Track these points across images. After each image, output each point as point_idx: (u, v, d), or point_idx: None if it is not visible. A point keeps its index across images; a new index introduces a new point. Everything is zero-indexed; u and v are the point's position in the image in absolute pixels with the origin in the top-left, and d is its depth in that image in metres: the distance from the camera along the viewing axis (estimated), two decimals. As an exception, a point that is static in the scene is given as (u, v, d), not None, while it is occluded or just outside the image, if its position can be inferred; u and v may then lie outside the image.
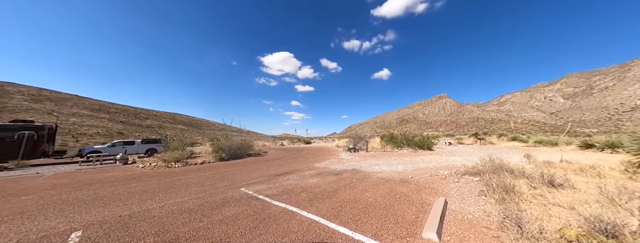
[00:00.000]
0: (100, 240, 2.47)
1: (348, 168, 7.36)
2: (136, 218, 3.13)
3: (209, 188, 4.87)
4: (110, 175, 7.32)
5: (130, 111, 70.46)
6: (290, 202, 3.69)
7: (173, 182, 5.83)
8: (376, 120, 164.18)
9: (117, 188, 5.12)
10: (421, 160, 9.18)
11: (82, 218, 3.16)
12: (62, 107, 50.54)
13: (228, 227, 2.72)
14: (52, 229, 2.79)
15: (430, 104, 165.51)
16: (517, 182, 3.93)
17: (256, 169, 7.77)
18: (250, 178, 5.95)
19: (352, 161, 9.37)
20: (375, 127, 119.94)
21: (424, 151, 13.23)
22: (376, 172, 6.48)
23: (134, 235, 2.56)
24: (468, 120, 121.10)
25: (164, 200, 3.99)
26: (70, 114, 46.20)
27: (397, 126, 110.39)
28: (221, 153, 11.24)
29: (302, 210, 3.25)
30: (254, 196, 4.12)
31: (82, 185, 5.70)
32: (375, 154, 12.03)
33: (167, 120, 76.42)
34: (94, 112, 55.67)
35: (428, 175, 5.72)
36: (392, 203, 3.51)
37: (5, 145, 10.82)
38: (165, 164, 9.24)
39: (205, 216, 3.13)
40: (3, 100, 42.64)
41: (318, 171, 6.90)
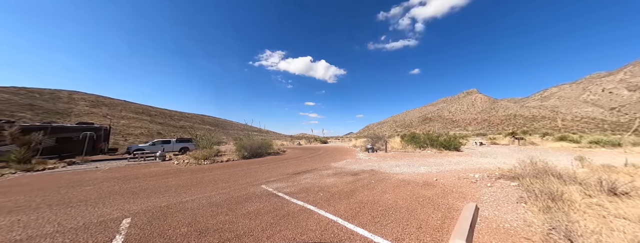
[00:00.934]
0: (145, 226, 2.83)
1: (366, 168, 7.19)
2: (173, 209, 3.50)
3: (233, 185, 5.21)
4: (152, 170, 8.32)
5: (166, 113, 79.21)
6: (308, 200, 3.75)
7: (202, 177, 6.38)
8: (396, 119, 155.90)
9: (157, 182, 5.80)
10: (447, 161, 8.51)
11: (130, 207, 3.65)
12: (114, 111, 59.09)
13: (250, 222, 2.88)
14: (108, 215, 3.28)
15: (457, 100, 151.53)
16: (566, 188, 3.40)
17: (275, 167, 8.06)
18: (270, 176, 6.20)
19: (369, 161, 9.12)
20: (395, 126, 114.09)
21: (450, 152, 12.24)
22: (396, 173, 6.20)
23: (172, 224, 2.87)
24: (503, 117, 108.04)
25: (195, 194, 4.39)
26: (120, 117, 53.78)
27: (420, 125, 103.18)
28: (244, 151, 11.95)
29: (319, 209, 3.28)
30: (274, 193, 4.28)
31: (130, 178, 6.59)
32: (395, 155, 11.52)
33: (196, 121, 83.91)
34: (138, 114, 63.94)
35: (455, 178, 5.28)
36: (415, 207, 3.33)
37: (73, 144, 13.10)
38: (196, 161, 10.17)
39: (230, 210, 3.36)
40: (71, 106, 51.63)
41: (335, 171, 6.87)
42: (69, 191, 5.01)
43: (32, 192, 5.08)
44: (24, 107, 43.49)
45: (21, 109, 42.06)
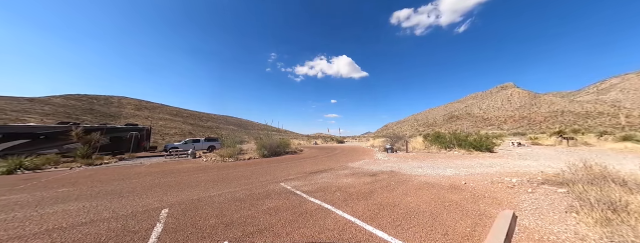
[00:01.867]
0: (180, 217, 3.15)
1: (385, 169, 6.94)
2: (203, 202, 3.83)
3: (254, 182, 5.49)
4: (185, 166, 9.22)
5: (196, 115, 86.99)
6: (325, 199, 3.77)
7: (227, 174, 6.86)
8: (417, 117, 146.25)
9: (189, 177, 6.41)
10: (478, 163, 7.76)
11: (168, 199, 4.10)
12: (154, 113, 66.92)
13: (271, 217, 3.00)
14: (150, 205, 3.74)
15: (490, 96, 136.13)
16: (633, 198, 2.84)
17: (293, 166, 8.26)
18: (288, 175, 6.37)
19: (389, 162, 8.78)
20: (417, 125, 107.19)
21: (481, 153, 11.13)
22: (418, 175, 5.87)
23: (202, 216, 3.15)
24: (547, 114, 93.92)
25: (222, 189, 4.74)
26: (159, 118, 60.64)
27: (445, 124, 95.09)
28: (263, 150, 12.50)
29: (337, 209, 3.27)
30: (292, 191, 4.40)
31: (167, 173, 7.39)
32: (417, 155, 10.89)
33: (221, 121, 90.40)
34: (173, 116, 71.41)
35: (488, 182, 4.79)
36: (440, 212, 3.11)
37: (122, 142, 15.20)
38: (222, 159, 10.97)
39: (252, 205, 3.55)
40: (120, 109, 59.99)
41: (352, 171, 6.78)
42: (120, 183, 5.84)
43: (93, 183, 6.03)
44: (85, 111, 51.70)
45: (83, 112, 50.08)
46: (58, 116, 41.31)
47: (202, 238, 2.44)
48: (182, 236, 2.52)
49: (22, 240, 2.53)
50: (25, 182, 6.53)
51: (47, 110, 44.62)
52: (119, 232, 2.69)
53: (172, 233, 2.59)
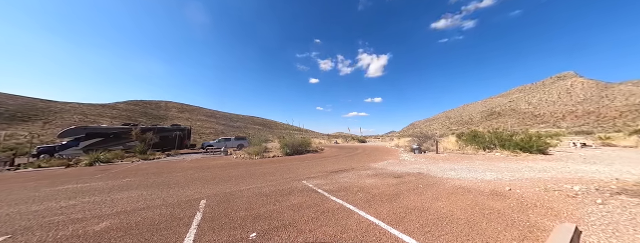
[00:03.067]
0: (215, 207, 3.50)
1: (411, 171, 6.51)
2: (234, 195, 4.18)
3: (278, 178, 5.76)
4: (218, 162, 10.20)
5: (227, 116, 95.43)
6: (347, 199, 3.72)
7: (254, 170, 7.35)
8: (449, 114, 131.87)
9: (222, 172, 7.08)
10: (527, 167, 6.70)
11: (205, 191, 4.59)
12: (193, 114, 75.68)
13: (294, 213, 3.11)
14: (191, 196, 4.25)
15: (542, 88, 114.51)
16: None
17: (314, 165, 8.37)
18: (310, 173, 6.49)
19: (416, 163, 8.21)
20: (449, 123, 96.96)
21: (531, 155, 9.57)
22: (451, 178, 5.35)
23: (233, 208, 3.45)
24: (623, 108, 74.82)
25: (250, 184, 5.10)
26: (196, 119, 68.35)
27: (483, 121, 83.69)
28: (286, 149, 12.99)
29: (359, 210, 3.20)
30: (314, 189, 4.47)
31: (204, 168, 8.28)
32: (449, 157, 9.93)
33: (248, 122, 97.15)
34: (208, 117, 79.71)
35: (540, 189, 4.10)
36: (478, 220, 2.78)
37: (168, 140, 17.59)
38: (249, 156, 11.80)
39: (277, 201, 3.73)
40: (167, 112, 69.42)
41: (375, 171, 6.54)
42: (168, 175, 6.78)
43: (148, 174, 7.13)
44: (141, 114, 61.23)
45: (140, 115, 59.39)
46: (122, 119, 49.90)
47: (234, 229, 2.66)
48: (218, 225, 2.80)
49: (100, 219, 3.14)
50: (101, 172, 8.09)
51: (114, 114, 54.41)
52: (168, 217, 3.13)
53: (209, 222, 2.90)
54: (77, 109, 51.14)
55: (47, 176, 7.54)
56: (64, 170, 8.89)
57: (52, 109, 46.86)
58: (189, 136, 19.81)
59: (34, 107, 44.60)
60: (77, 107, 52.90)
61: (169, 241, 2.40)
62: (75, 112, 47.87)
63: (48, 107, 46.97)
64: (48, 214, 3.41)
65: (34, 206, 3.88)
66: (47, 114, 43.56)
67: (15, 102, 44.28)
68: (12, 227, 2.92)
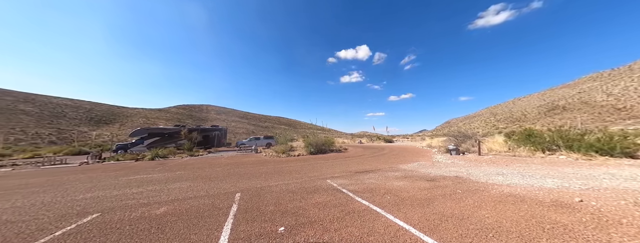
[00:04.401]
0: (248, 200, 3.83)
1: (447, 174, 5.89)
2: (264, 190, 4.50)
3: (304, 176, 5.94)
4: (250, 159, 11.09)
5: (256, 117, 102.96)
6: (374, 201, 3.59)
7: (281, 168, 7.74)
8: (495, 110, 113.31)
9: (253, 169, 7.68)
10: (607, 174, 5.33)
11: (239, 185, 5.06)
12: (228, 116, 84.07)
13: (320, 212, 3.16)
14: (228, 189, 4.73)
15: (628, 73, 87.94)
16: None
17: (338, 164, 8.33)
18: (334, 172, 6.49)
19: (453, 166, 7.39)
20: (494, 120, 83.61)
21: (613, 159, 7.54)
22: (498, 184, 4.64)
23: (264, 202, 3.71)
24: None
25: (278, 181, 5.40)
26: (231, 121, 75.60)
27: (541, 117, 68.88)
28: (310, 148, 13.28)
29: (387, 213, 3.05)
30: (339, 189, 4.45)
31: (239, 164, 9.11)
32: (496, 159, 8.61)
33: (275, 122, 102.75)
34: (241, 118, 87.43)
35: (627, 203, 3.22)
36: (536, 235, 2.34)
37: (209, 139, 19.97)
38: (277, 154, 12.49)
39: (303, 198, 3.86)
40: (207, 114, 78.75)
41: (404, 173, 6.13)
42: (209, 170, 7.71)
43: (194, 169, 8.23)
44: (188, 117, 70.71)
45: (187, 118, 68.65)
46: (173, 121, 58.54)
47: (265, 221, 2.86)
48: (250, 216, 3.05)
49: (160, 205, 3.77)
50: (159, 166, 9.69)
51: (168, 117, 64.42)
52: (210, 206, 3.56)
53: (244, 213, 3.18)
54: (141, 113, 62.60)
55: (123, 167, 9.43)
56: (134, 163, 10.97)
57: (124, 113, 58.36)
58: (225, 135, 22.22)
59: (113, 112, 56.28)
60: (142, 111, 64.74)
61: (211, 228, 2.72)
62: (140, 116, 58.67)
63: (122, 112, 58.65)
64: (124, 198, 4.26)
65: (114, 191, 4.90)
66: (122, 117, 54.43)
67: (101, 108, 56.63)
68: (101, 207, 3.76)
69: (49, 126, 37.30)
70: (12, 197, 4.62)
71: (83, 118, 46.89)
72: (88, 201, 4.14)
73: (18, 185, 5.99)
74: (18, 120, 35.92)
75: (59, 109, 47.55)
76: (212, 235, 2.50)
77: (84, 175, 7.48)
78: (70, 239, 2.52)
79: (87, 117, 47.89)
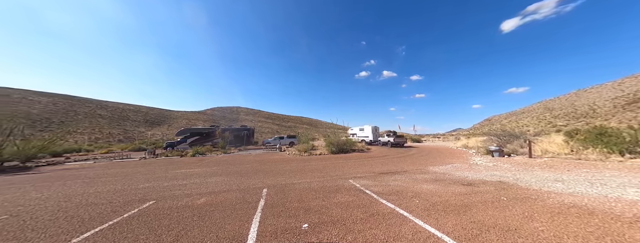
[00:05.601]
0: (274, 196, 4.05)
1: (488, 178, 5.22)
2: (288, 187, 4.69)
3: (326, 175, 5.98)
4: (275, 157, 11.67)
5: (280, 117, 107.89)
6: (400, 204, 3.41)
7: (304, 166, 7.94)
8: (551, 104, 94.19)
9: (278, 166, 8.07)
10: None
11: (266, 181, 5.38)
12: (255, 117, 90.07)
13: (343, 212, 3.15)
14: (256, 185, 5.08)
15: None
16: None
17: (361, 164, 8.13)
18: (356, 172, 6.36)
19: (496, 169, 6.51)
20: (550, 117, 69.98)
21: None
22: (557, 192, 3.92)
23: (288, 198, 3.87)
24: None
25: (300, 179, 5.57)
26: (257, 121, 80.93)
27: (617, 112, 54.01)
28: (332, 147, 13.27)
29: (415, 218, 2.86)
30: (362, 190, 4.36)
31: (265, 161, 9.68)
32: (552, 163, 7.25)
33: (297, 122, 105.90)
34: (266, 119, 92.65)
35: None
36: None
37: (239, 138, 21.68)
38: (299, 153, 12.85)
39: (326, 197, 3.89)
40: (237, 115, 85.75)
41: (435, 176, 5.65)
42: (240, 166, 8.38)
43: (227, 165, 9.04)
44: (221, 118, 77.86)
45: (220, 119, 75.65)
46: (209, 121, 65.27)
47: (289, 217, 2.99)
48: (277, 211, 3.22)
49: (200, 196, 4.27)
50: (199, 161, 10.94)
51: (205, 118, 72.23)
52: (241, 200, 3.88)
53: (270, 208, 3.38)
54: (184, 115, 71.95)
55: (171, 162, 10.93)
56: (180, 159, 12.61)
57: (172, 115, 67.72)
58: (253, 135, 23.89)
59: (163, 115, 65.88)
60: (184, 114, 74.34)
61: (242, 219, 2.97)
62: (183, 118, 67.39)
63: (170, 114, 68.19)
64: (172, 189, 4.95)
65: (165, 182, 5.72)
66: (170, 119, 63.29)
67: (154, 112, 66.82)
68: (155, 196, 4.43)
69: (118, 127, 45.66)
70: (95, 184, 5.83)
71: (141, 120, 55.97)
72: (146, 190, 4.93)
73: (98, 175, 7.51)
74: (97, 122, 44.89)
75: (124, 113, 57.82)
76: (243, 226, 2.72)
77: (143, 168, 8.95)
78: (134, 221, 3.05)
79: (144, 119, 56.93)
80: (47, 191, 5.17)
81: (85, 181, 6.39)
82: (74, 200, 4.28)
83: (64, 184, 6.00)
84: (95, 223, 3.01)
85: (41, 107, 44.82)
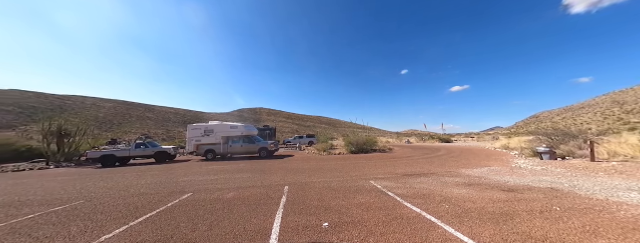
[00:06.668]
0: (295, 193, 4.18)
1: (535, 184, 4.54)
2: (308, 185, 4.79)
3: (345, 175, 5.92)
4: (295, 156, 11.99)
5: (299, 117, 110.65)
6: (427, 209, 3.18)
7: (323, 165, 8.00)
8: (619, 97, 77.01)
9: (297, 164, 8.31)
10: None
11: (287, 179, 5.58)
12: (276, 117, 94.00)
13: (363, 213, 3.08)
14: (278, 182, 5.31)
15: None
16: None
17: (382, 165, 7.83)
18: (377, 173, 6.15)
19: (545, 174, 5.63)
20: (620, 112, 57.12)
21: None
22: (630, 203, 3.22)
23: (308, 196, 3.96)
24: None
25: (320, 177, 5.63)
26: (278, 121, 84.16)
27: None
28: (351, 147, 13.06)
29: (445, 224, 2.64)
30: (383, 191, 4.20)
31: (286, 160, 10.01)
32: (622, 168, 5.92)
33: (315, 121, 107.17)
34: (286, 119, 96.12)
35: None
36: None
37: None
38: (318, 152, 12.98)
39: (345, 197, 3.86)
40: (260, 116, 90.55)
41: (468, 180, 5.13)
42: (263, 164, 8.87)
43: (251, 162, 9.65)
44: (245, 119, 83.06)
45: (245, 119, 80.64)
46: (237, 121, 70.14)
47: (310, 215, 3.05)
48: (298, 208, 3.32)
49: (229, 191, 4.65)
50: (227, 158, 11.86)
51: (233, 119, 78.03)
52: (265, 195, 4.10)
53: (292, 205, 3.50)
54: (215, 116, 78.96)
55: (202, 159, 12.06)
56: (211, 156, 13.85)
57: (205, 117, 74.90)
58: (275, 134, 25.00)
59: (197, 116, 73.25)
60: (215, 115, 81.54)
61: (266, 214, 3.14)
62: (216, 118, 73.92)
63: (203, 116, 75.58)
64: (206, 183, 5.48)
65: (200, 177, 6.37)
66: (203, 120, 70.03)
67: (190, 114, 74.76)
68: (192, 188, 4.96)
69: (162, 128, 52.36)
70: (145, 177, 6.82)
71: (180, 121, 63.12)
72: (185, 183, 5.56)
73: (148, 169, 8.78)
74: (145, 124, 52.18)
75: (167, 115, 66.06)
76: (267, 221, 2.87)
77: (182, 164, 10.15)
78: (175, 210, 3.47)
79: (182, 121, 64.02)
80: (111, 181, 6.24)
81: (138, 174, 7.55)
82: (130, 190, 5.07)
83: (123, 176, 7.17)
84: (146, 210, 3.51)
85: (105, 110, 53.99)
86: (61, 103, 51.04)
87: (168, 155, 11.83)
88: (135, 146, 11.67)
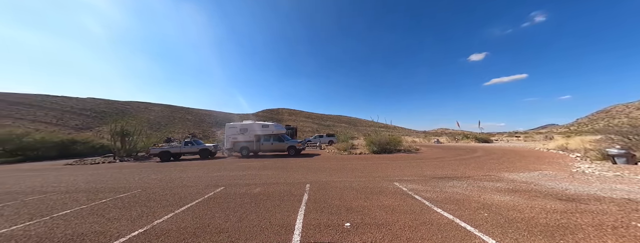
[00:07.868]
0: (317, 191, 4.25)
1: (604, 193, 3.74)
2: (329, 185, 4.81)
3: (367, 176, 5.77)
4: (315, 156, 12.15)
5: (319, 116, 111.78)
6: (461, 216, 2.89)
7: (344, 165, 7.93)
8: None
9: (318, 163, 8.42)
10: None
11: (308, 177, 5.70)
12: (297, 117, 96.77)
13: (388, 216, 2.96)
14: (300, 180, 5.47)
15: None
16: None
17: (408, 166, 7.39)
18: (403, 175, 5.83)
19: (619, 181, 4.58)
20: None
21: None
22: None
23: (329, 195, 3.98)
24: None
25: (341, 177, 5.60)
26: (299, 121, 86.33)
27: None
28: (373, 146, 12.62)
29: (485, 235, 2.35)
30: (409, 194, 3.96)
31: (307, 159, 10.24)
32: None
33: (335, 120, 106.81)
34: (307, 118, 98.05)
35: None
36: None
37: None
38: (338, 151, 12.90)
39: (368, 198, 3.77)
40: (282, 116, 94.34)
41: (512, 185, 4.49)
42: (286, 162, 9.24)
43: (275, 160, 10.13)
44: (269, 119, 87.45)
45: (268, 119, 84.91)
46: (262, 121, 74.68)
47: (331, 214, 3.06)
48: (319, 206, 3.37)
49: (256, 186, 4.98)
50: (253, 157, 12.67)
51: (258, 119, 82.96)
52: (287, 192, 4.27)
53: (313, 203, 3.57)
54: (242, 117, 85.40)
55: (234, 157, 13.12)
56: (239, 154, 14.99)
57: (232, 118, 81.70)
58: (296, 133, 25.71)
59: (227, 118, 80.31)
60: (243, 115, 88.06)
61: (289, 210, 3.26)
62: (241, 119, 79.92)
63: (231, 117, 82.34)
64: (236, 178, 5.96)
65: (230, 172, 6.95)
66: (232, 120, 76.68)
67: (219, 114, 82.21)
68: (224, 183, 5.45)
69: (199, 128, 58.85)
70: (186, 171, 7.75)
71: (213, 122, 69.96)
72: (218, 178, 6.14)
73: (189, 165, 9.98)
74: (185, 125, 59.31)
75: (203, 117, 73.93)
76: (290, 217, 2.99)
77: (215, 160, 11.21)
78: (211, 202, 3.87)
79: (215, 121, 70.77)
80: (161, 174, 7.27)
81: (181, 168, 8.63)
82: (175, 182, 5.83)
83: (169, 170, 8.28)
84: (188, 200, 3.99)
85: (154, 113, 63.13)
86: (123, 108, 61.55)
87: (210, 152, 13.16)
88: (184, 144, 13.23)
